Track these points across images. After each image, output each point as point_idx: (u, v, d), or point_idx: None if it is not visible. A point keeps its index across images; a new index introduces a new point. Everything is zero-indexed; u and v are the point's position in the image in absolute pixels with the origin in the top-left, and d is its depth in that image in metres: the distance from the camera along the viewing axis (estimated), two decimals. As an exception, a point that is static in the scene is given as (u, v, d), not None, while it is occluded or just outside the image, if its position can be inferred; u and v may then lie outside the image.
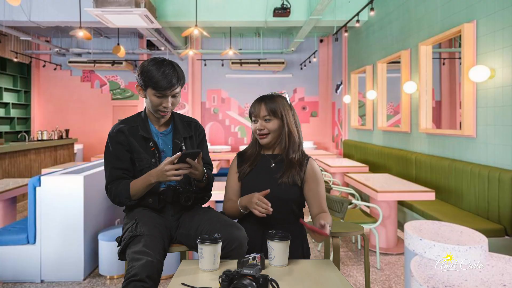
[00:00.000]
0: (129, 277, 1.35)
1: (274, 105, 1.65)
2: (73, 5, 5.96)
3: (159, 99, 1.67)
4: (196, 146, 1.87)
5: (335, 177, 5.35)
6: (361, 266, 3.25)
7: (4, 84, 8.62)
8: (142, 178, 1.66)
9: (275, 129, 1.66)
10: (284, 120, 1.66)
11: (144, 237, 1.52)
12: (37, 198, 2.92)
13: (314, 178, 1.67)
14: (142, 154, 1.73)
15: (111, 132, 1.75)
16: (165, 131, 1.81)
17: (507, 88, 3.19)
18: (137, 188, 1.67)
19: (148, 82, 1.64)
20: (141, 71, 1.67)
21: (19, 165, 5.66)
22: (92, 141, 9.55)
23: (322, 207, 1.66)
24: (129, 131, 1.74)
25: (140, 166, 1.73)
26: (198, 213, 1.78)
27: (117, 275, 2.99)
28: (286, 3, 6.16)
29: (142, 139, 1.74)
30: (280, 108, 1.65)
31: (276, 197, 1.60)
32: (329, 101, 9.53)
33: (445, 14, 4.12)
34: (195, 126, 1.90)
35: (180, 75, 1.69)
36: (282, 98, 1.69)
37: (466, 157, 3.76)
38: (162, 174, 1.57)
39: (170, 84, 1.64)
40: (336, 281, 1.26)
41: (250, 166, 1.72)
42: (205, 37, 9.28)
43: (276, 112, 1.65)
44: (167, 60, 1.69)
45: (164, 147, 1.79)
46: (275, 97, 1.69)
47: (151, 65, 1.65)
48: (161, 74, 1.62)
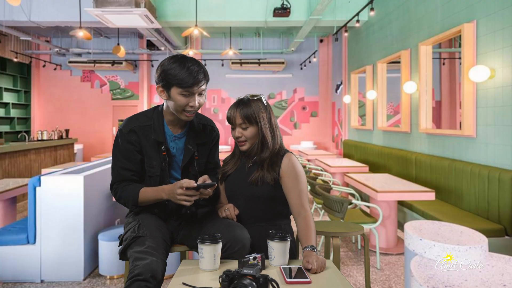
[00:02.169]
0: (133, 277, 1.33)
1: (249, 111, 1.62)
2: (73, 5, 5.96)
3: (185, 98, 1.57)
4: (209, 151, 1.83)
5: (335, 177, 5.35)
6: (361, 266, 3.25)
7: (4, 84, 8.62)
8: (153, 190, 1.61)
9: (253, 135, 1.65)
10: (259, 125, 1.64)
11: (147, 239, 1.51)
12: (37, 198, 2.92)
13: (289, 173, 1.62)
14: (153, 160, 1.67)
15: (123, 129, 1.67)
16: (179, 134, 1.73)
17: (507, 88, 3.19)
18: (147, 198, 1.62)
19: (172, 80, 1.54)
20: (162, 71, 1.56)
21: (19, 165, 5.66)
22: (92, 141, 9.55)
23: (299, 202, 1.59)
24: (142, 131, 1.67)
25: (150, 172, 1.68)
26: (200, 215, 1.78)
27: (117, 275, 2.99)
28: (286, 3, 6.16)
29: (155, 142, 1.67)
30: (255, 114, 1.63)
31: (248, 196, 1.65)
32: (329, 101, 9.53)
33: (445, 14, 4.12)
34: (210, 130, 1.82)
35: (205, 70, 1.61)
36: (258, 102, 1.66)
37: (466, 157, 3.76)
38: (173, 195, 1.52)
39: (197, 80, 1.55)
40: (336, 281, 1.26)
41: (231, 167, 1.74)
42: (205, 37, 9.28)
43: (250, 119, 1.62)
44: (188, 57, 1.60)
45: (175, 152, 1.72)
46: (250, 101, 1.65)
47: (172, 62, 1.55)
48: (186, 70, 1.53)
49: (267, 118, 1.67)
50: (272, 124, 1.69)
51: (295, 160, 1.67)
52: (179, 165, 1.73)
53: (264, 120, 1.65)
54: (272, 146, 1.66)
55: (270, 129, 1.67)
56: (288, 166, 1.63)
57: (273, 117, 1.70)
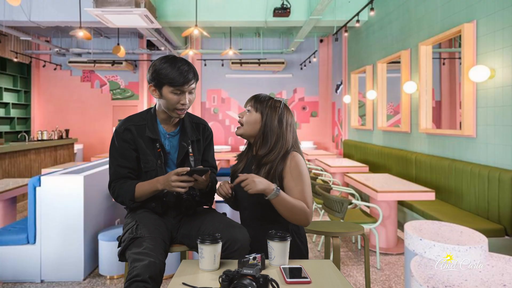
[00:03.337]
0: (131, 278, 1.34)
1: (261, 101, 1.67)
2: (73, 5, 5.96)
3: (177, 96, 1.64)
4: (203, 149, 1.85)
5: (335, 177, 5.35)
6: (361, 266, 3.25)
7: (4, 84, 8.62)
8: (149, 183, 1.65)
9: (249, 122, 1.66)
10: (263, 118, 1.65)
11: (145, 239, 1.52)
12: (37, 198, 2.92)
13: (290, 173, 1.60)
14: (148, 156, 1.71)
15: (118, 129, 1.73)
16: (173, 132, 1.78)
17: (507, 88, 3.19)
18: (143, 191, 1.65)
19: (164, 79, 1.62)
20: (154, 70, 1.64)
21: (19, 165, 5.66)
22: (92, 141, 9.55)
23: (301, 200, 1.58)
24: (137, 130, 1.72)
25: (146, 168, 1.72)
26: (199, 213, 1.78)
27: (117, 275, 2.99)
28: (286, 3, 6.16)
29: (149, 140, 1.72)
30: (265, 107, 1.66)
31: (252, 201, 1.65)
32: (329, 101, 9.53)
33: (445, 14, 4.12)
34: (204, 128, 1.87)
35: (195, 70, 1.68)
36: (276, 101, 1.68)
37: (466, 157, 3.76)
38: (168, 183, 1.56)
39: (187, 79, 1.62)
40: (336, 281, 1.26)
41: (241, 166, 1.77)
42: (205, 37, 9.28)
43: (257, 107, 1.66)
44: (178, 57, 1.68)
45: (170, 149, 1.77)
46: (270, 98, 1.70)
47: (163, 62, 1.63)
48: (177, 70, 1.61)
49: (277, 116, 1.65)
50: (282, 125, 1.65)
51: (299, 159, 1.63)
52: (174, 163, 1.77)
53: (272, 117, 1.65)
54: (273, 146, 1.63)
55: (277, 129, 1.64)
56: (289, 166, 1.61)
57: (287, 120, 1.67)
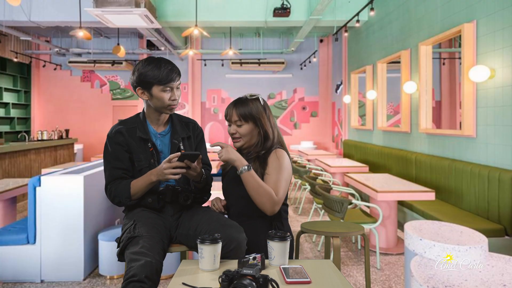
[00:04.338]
0: (128, 278, 1.35)
1: (245, 110, 1.69)
2: (73, 5, 5.96)
3: (167, 93, 1.70)
4: (195, 146, 1.88)
5: (335, 177, 5.35)
6: (361, 266, 3.25)
7: (4, 84, 8.62)
8: (143, 177, 1.68)
9: (247, 133, 1.71)
10: (258, 124, 1.70)
11: (143, 238, 1.52)
12: (37, 198, 2.92)
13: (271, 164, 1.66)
14: (141, 154, 1.75)
15: (109, 133, 1.77)
16: (163, 131, 1.82)
17: (507, 88, 3.19)
18: (138, 187, 1.68)
19: (152, 80, 1.67)
20: (139, 74, 1.68)
21: (19, 165, 5.66)
22: (92, 141, 9.55)
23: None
24: (128, 132, 1.76)
25: (139, 166, 1.74)
26: (197, 213, 1.78)
27: (117, 275, 2.99)
28: (286, 3, 6.16)
29: (141, 140, 1.76)
30: (253, 113, 1.69)
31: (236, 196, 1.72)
32: (329, 101, 9.53)
33: (445, 14, 4.12)
34: (194, 126, 1.91)
35: (177, 67, 1.76)
36: (255, 101, 1.72)
37: (466, 157, 3.76)
38: (161, 172, 1.60)
39: (174, 76, 1.70)
40: (336, 281, 1.26)
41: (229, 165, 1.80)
42: (205, 37, 9.28)
43: (246, 117, 1.69)
44: (159, 57, 1.75)
45: (162, 148, 1.80)
46: (248, 101, 1.72)
47: (146, 65, 1.69)
48: (164, 69, 1.68)
49: (268, 117, 1.74)
50: (272, 124, 1.75)
51: (282, 154, 1.69)
52: None
53: (264, 118, 1.72)
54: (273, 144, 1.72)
55: (272, 129, 1.73)
56: (272, 158, 1.67)
57: (271, 116, 1.76)
